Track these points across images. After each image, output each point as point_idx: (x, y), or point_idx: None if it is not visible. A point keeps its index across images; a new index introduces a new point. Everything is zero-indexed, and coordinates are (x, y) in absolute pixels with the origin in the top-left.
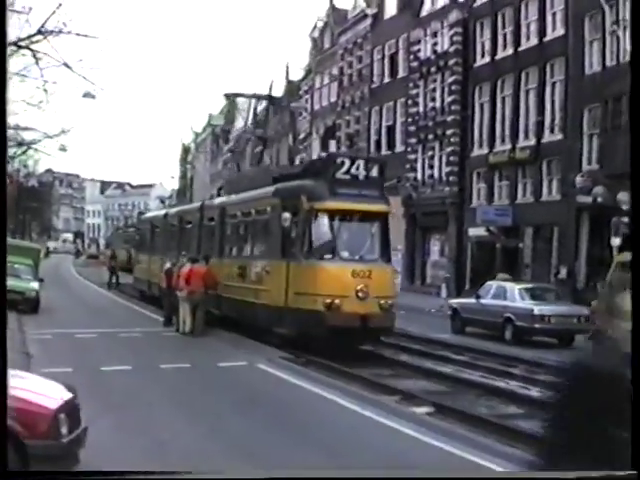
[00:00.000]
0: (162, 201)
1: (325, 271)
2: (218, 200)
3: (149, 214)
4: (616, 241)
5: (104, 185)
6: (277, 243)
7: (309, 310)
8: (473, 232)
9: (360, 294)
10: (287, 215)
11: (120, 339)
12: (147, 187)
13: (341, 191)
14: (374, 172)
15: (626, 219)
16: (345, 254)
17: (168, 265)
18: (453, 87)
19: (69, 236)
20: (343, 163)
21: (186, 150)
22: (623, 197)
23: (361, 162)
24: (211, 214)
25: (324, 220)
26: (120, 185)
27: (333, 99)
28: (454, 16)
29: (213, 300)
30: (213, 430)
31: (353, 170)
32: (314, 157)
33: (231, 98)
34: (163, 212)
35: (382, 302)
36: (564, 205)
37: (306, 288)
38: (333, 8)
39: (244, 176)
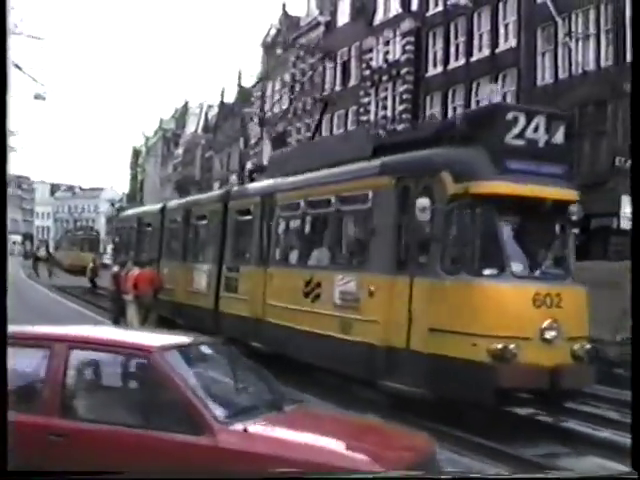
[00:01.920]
0: (112, 204)
1: (490, 295)
2: (258, 185)
3: (134, 210)
4: None
5: (54, 187)
6: (388, 247)
7: (460, 360)
8: None
9: (548, 334)
10: (425, 202)
11: None
12: (97, 190)
13: (514, 166)
14: (558, 135)
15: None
16: (520, 268)
17: (115, 269)
18: (404, 96)
19: (18, 238)
20: (516, 120)
21: (137, 153)
22: (573, 209)
23: (541, 119)
24: (245, 205)
25: (485, 212)
26: (70, 187)
27: (284, 106)
28: (406, 25)
29: (248, 327)
30: None
31: (529, 132)
32: (265, 163)
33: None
34: (158, 206)
35: (577, 347)
36: None
37: (452, 322)
38: (286, 15)
39: (309, 149)
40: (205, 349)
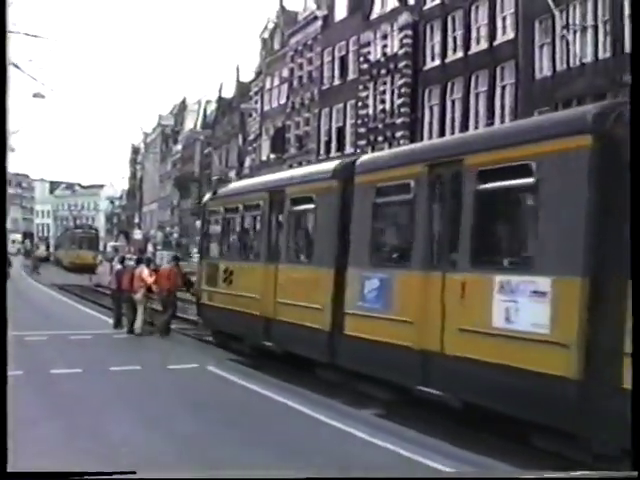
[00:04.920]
0: (112, 202)
1: None
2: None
3: (235, 185)
4: None
5: (53, 185)
6: None
7: None
8: None
9: None
10: None
11: (71, 341)
12: (97, 187)
13: None
14: None
15: None
16: None
17: (119, 267)
18: (403, 89)
19: (18, 237)
20: None
21: (136, 151)
22: None
23: None
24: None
25: None
26: (70, 185)
27: (283, 101)
28: (404, 19)
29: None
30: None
31: None
32: (263, 158)
33: None
34: (274, 177)
35: None
36: None
37: None
38: (283, 10)
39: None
40: None
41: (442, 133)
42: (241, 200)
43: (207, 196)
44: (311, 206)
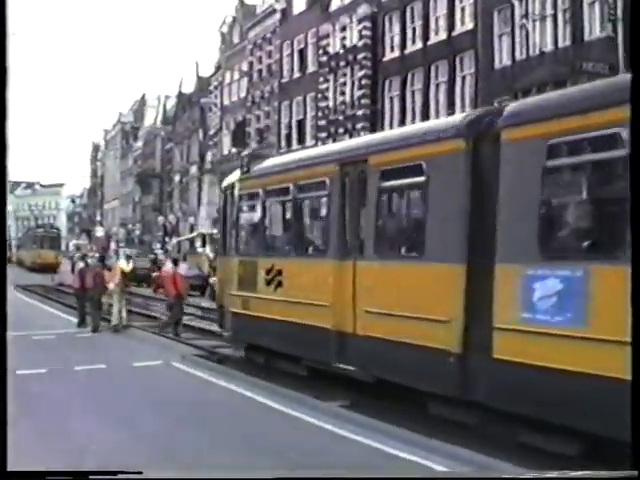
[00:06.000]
0: (73, 200)
1: None
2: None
3: (279, 160)
4: None
5: (13, 185)
6: None
7: None
8: None
9: None
10: None
11: (35, 342)
12: (57, 186)
13: None
14: None
15: None
16: None
17: (81, 264)
18: (363, 81)
19: None
20: None
21: (96, 148)
22: None
23: None
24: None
25: None
26: (29, 185)
27: (243, 94)
28: (363, 10)
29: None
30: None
31: None
32: (225, 153)
33: None
34: (346, 145)
35: None
36: None
37: None
38: (242, 3)
39: None
40: None
41: (403, 123)
42: (292, 178)
43: (233, 176)
44: (418, 179)
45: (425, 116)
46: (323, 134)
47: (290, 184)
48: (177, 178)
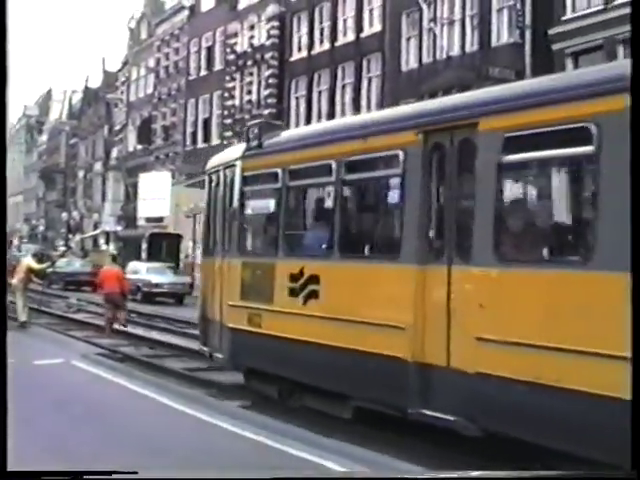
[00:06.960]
0: None
1: None
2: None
3: (309, 129)
4: None
5: None
6: None
7: None
8: None
9: None
10: None
11: None
12: None
13: None
14: None
15: None
16: None
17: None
18: (269, 80)
19: None
20: None
21: None
22: None
23: None
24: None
25: None
26: None
27: (150, 91)
28: (271, 10)
29: None
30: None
31: None
32: (130, 149)
33: None
34: (428, 105)
35: None
36: None
37: None
38: None
39: None
40: None
41: (309, 124)
42: (338, 152)
43: (228, 153)
44: (577, 150)
45: (331, 117)
46: (229, 133)
47: (332, 161)
48: (81, 174)
